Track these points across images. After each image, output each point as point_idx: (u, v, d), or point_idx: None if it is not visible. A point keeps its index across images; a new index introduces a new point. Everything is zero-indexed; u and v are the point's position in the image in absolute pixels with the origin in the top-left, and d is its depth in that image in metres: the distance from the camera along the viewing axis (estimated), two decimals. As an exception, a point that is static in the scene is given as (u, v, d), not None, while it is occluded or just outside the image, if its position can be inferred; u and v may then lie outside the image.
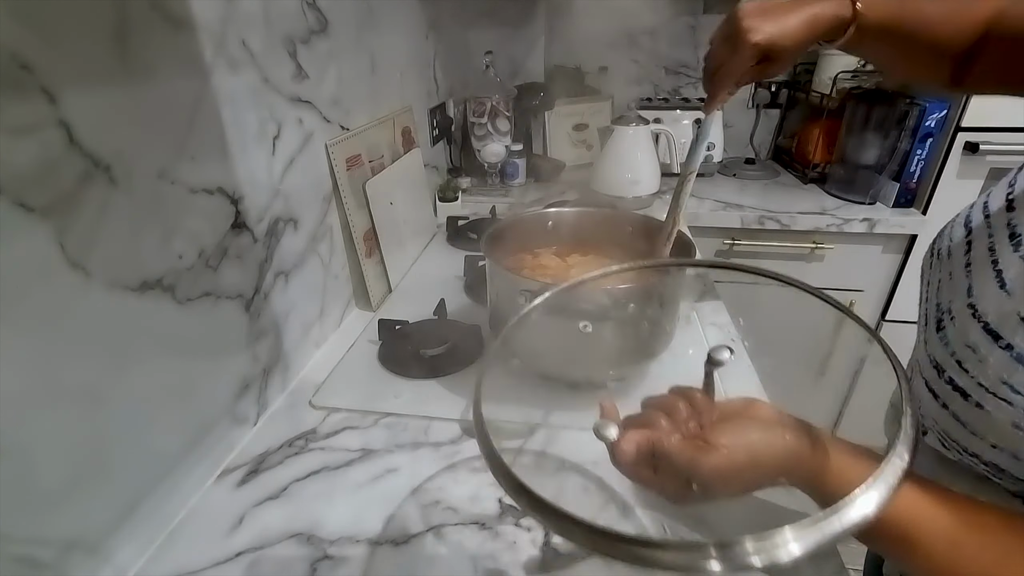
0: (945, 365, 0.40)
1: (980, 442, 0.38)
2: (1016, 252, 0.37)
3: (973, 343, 0.38)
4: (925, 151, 1.22)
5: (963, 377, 0.38)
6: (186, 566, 0.47)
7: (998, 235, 0.40)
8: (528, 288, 0.55)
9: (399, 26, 1.03)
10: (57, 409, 0.39)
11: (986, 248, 0.40)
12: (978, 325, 0.38)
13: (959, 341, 0.39)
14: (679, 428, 0.34)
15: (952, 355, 0.39)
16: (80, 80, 0.39)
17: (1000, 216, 0.41)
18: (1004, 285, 0.37)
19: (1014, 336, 0.35)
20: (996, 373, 0.36)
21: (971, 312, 0.39)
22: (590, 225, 0.77)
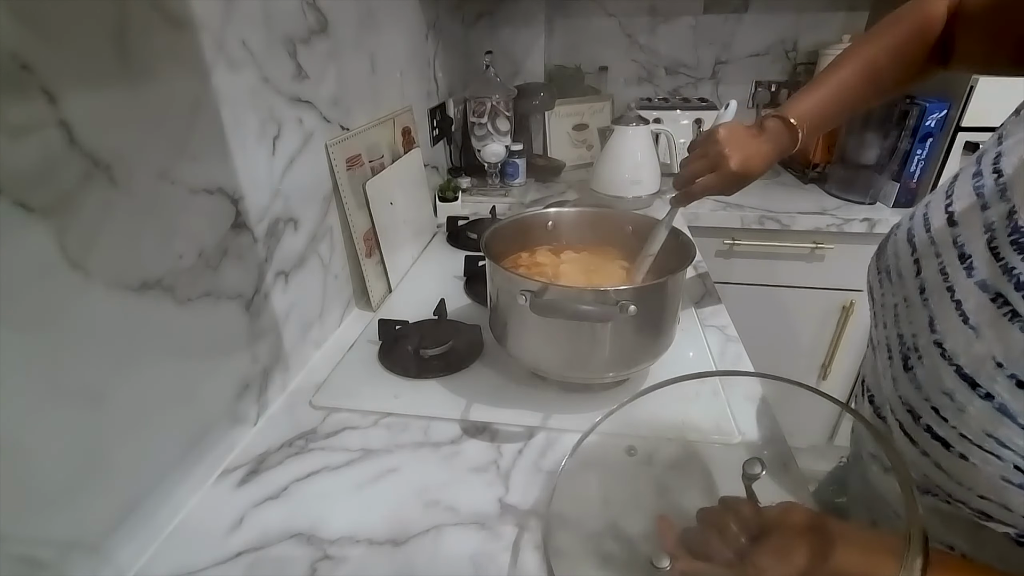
0: (920, 411, 0.38)
1: (967, 492, 0.36)
2: (970, 278, 0.36)
3: (949, 390, 0.35)
4: (925, 151, 1.22)
5: (943, 427, 0.36)
6: (186, 566, 0.47)
7: (947, 255, 0.39)
8: (528, 288, 0.55)
9: (399, 26, 1.03)
10: (57, 409, 0.39)
11: (937, 271, 0.39)
12: (950, 368, 0.36)
13: (933, 386, 0.37)
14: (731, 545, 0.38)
15: (927, 400, 0.37)
16: (80, 80, 0.39)
17: (943, 233, 0.40)
18: (967, 320, 0.35)
19: (992, 384, 0.33)
20: (979, 424, 0.34)
21: (940, 352, 0.37)
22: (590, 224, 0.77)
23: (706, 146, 0.60)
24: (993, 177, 0.38)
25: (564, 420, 0.62)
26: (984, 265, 0.35)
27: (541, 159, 1.54)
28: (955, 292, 0.37)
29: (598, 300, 0.54)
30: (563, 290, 0.57)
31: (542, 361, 0.63)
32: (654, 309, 0.59)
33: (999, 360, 0.32)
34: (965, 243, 0.37)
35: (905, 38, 0.56)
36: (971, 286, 0.36)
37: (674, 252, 0.66)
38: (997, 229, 0.35)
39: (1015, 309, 0.32)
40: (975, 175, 0.40)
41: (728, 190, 0.62)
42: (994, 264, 0.35)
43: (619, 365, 0.61)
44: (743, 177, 0.59)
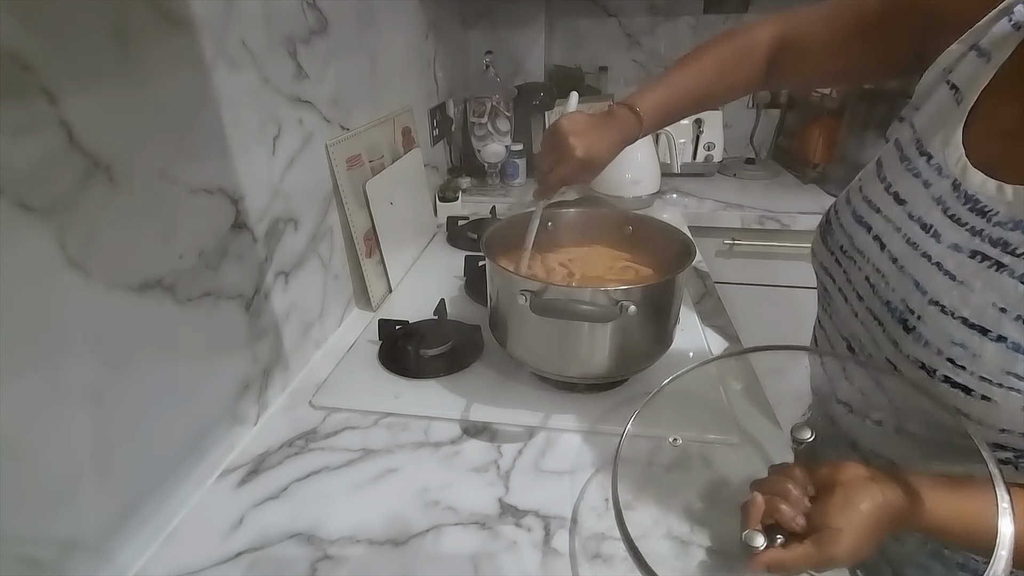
0: (935, 365, 0.40)
1: (988, 430, 0.39)
2: (940, 243, 0.41)
3: (960, 340, 0.38)
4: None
5: (961, 375, 0.38)
6: (186, 566, 0.47)
7: (908, 228, 0.44)
8: (528, 288, 0.55)
9: (399, 26, 1.03)
10: (57, 409, 0.39)
11: (904, 243, 0.43)
12: (956, 321, 0.38)
13: (943, 340, 0.39)
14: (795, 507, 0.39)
15: (939, 354, 0.39)
16: (80, 80, 0.39)
17: (895, 210, 0.45)
18: (954, 277, 0.39)
19: (1001, 327, 0.36)
20: (996, 365, 0.36)
21: (939, 309, 0.39)
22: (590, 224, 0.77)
23: (551, 139, 0.61)
24: (923, 159, 0.44)
25: (564, 420, 0.62)
26: (950, 231, 0.40)
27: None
28: (931, 257, 0.41)
29: (598, 300, 0.54)
30: (563, 290, 0.57)
31: (542, 361, 0.63)
32: (655, 310, 0.59)
33: (1000, 306, 0.36)
34: (922, 215, 0.43)
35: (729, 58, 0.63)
36: (944, 250, 0.40)
37: (675, 252, 0.67)
38: (947, 201, 0.41)
39: (998, 261, 0.37)
40: (902, 159, 0.46)
41: (581, 177, 0.63)
42: (959, 229, 0.40)
43: (620, 365, 0.61)
44: (590, 163, 0.61)
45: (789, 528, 0.38)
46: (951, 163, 0.41)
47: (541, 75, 1.61)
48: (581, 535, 0.50)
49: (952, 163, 0.41)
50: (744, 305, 1.37)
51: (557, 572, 0.47)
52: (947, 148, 0.42)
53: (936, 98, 0.45)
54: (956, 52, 0.44)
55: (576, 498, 0.53)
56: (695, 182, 1.48)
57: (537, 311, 0.53)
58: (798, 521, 0.38)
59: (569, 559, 0.48)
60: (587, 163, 0.60)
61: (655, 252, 0.71)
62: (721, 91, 0.65)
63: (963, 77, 0.43)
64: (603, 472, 0.56)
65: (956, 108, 0.42)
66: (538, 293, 0.55)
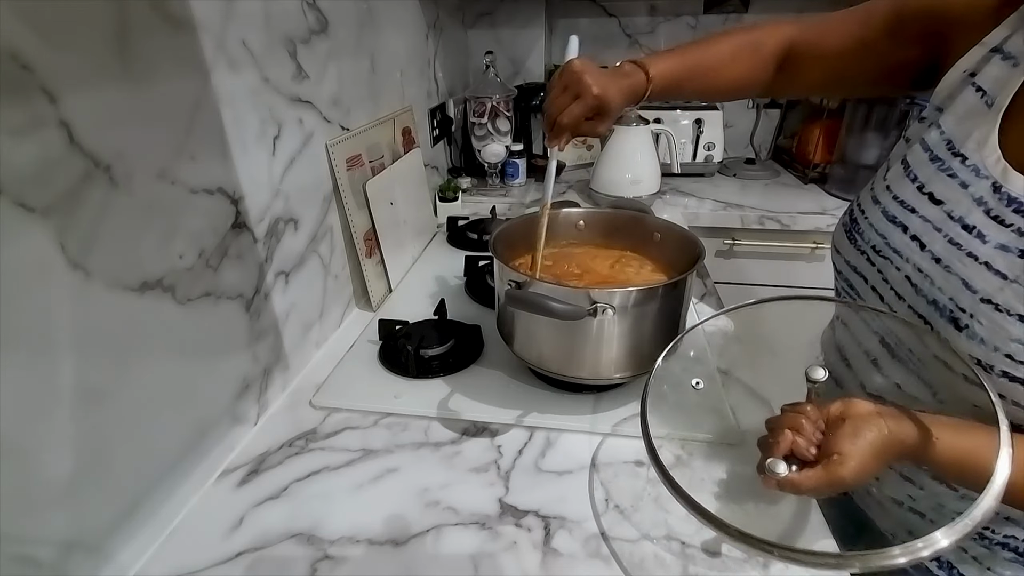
0: (992, 361, 0.41)
1: None
2: (987, 243, 0.41)
3: (1018, 336, 0.39)
4: (925, 151, 1.22)
5: (1021, 369, 0.39)
6: (186, 566, 0.47)
7: (950, 229, 0.44)
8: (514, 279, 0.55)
9: (399, 26, 1.03)
10: (57, 409, 0.39)
11: (946, 243, 0.44)
12: (1012, 319, 0.39)
13: (999, 337, 0.40)
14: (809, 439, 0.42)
15: (996, 351, 0.40)
16: (80, 80, 0.39)
17: (930, 208, 0.45)
18: (1006, 276, 0.40)
19: None
20: None
21: (994, 307, 0.40)
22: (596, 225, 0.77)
23: (564, 78, 0.60)
24: (957, 160, 0.44)
25: (565, 420, 0.62)
26: (995, 232, 0.41)
27: (541, 159, 1.53)
28: (978, 257, 0.41)
29: (569, 299, 0.53)
30: (542, 286, 0.56)
31: (550, 361, 0.63)
32: (664, 311, 0.59)
33: None
34: (962, 216, 0.43)
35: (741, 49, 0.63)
36: (992, 250, 0.41)
37: (682, 253, 0.67)
38: (989, 202, 0.41)
39: None
40: (933, 160, 0.46)
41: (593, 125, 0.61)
42: (1004, 230, 0.40)
43: (627, 366, 0.61)
44: (604, 104, 0.59)
45: (803, 457, 0.41)
46: (989, 165, 0.42)
47: (541, 75, 1.61)
48: (581, 535, 0.50)
49: (991, 165, 0.42)
50: (744, 305, 1.37)
51: (557, 572, 0.47)
52: (983, 150, 0.43)
53: (963, 101, 0.45)
54: (977, 55, 0.45)
55: (576, 498, 0.53)
56: (695, 182, 1.48)
57: (510, 303, 0.53)
58: (811, 451, 0.41)
59: (569, 559, 0.48)
60: (602, 102, 0.59)
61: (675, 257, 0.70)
62: (727, 79, 0.64)
63: (991, 80, 0.43)
64: (603, 472, 0.56)
65: (988, 111, 0.43)
66: (523, 286, 0.55)
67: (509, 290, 0.55)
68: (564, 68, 0.60)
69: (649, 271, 0.72)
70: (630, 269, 0.72)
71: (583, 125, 0.60)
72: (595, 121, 0.60)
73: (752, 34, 0.63)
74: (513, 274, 0.58)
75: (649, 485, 0.55)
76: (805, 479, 0.40)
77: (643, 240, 0.74)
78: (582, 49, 0.64)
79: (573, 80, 0.58)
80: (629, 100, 0.62)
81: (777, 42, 0.62)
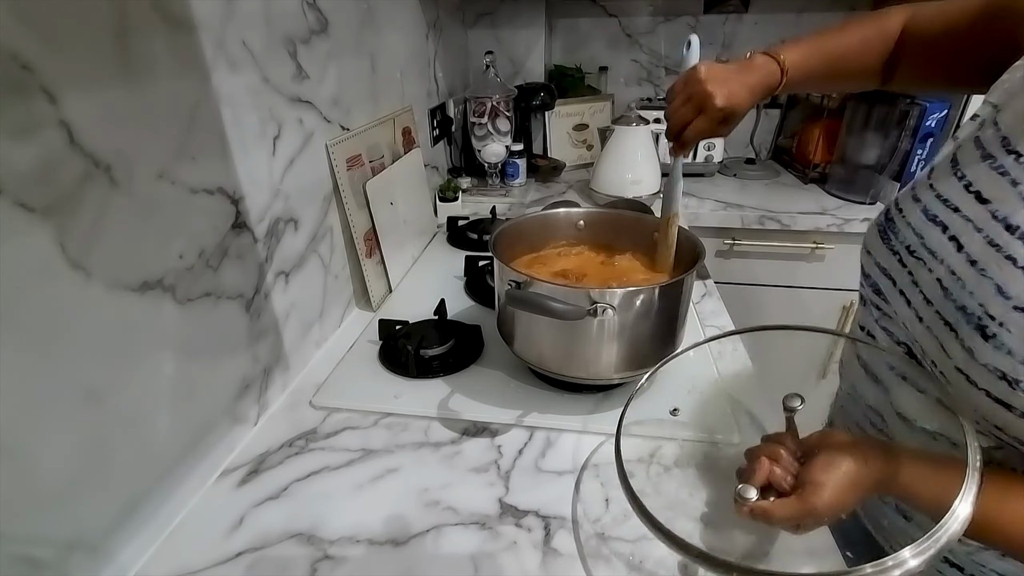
0: (1019, 375, 0.38)
1: None
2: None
3: None
4: (926, 151, 1.22)
5: None
6: (186, 566, 0.47)
7: (991, 229, 0.41)
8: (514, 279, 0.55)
9: (399, 26, 1.03)
10: (57, 409, 0.39)
11: (985, 244, 0.41)
12: None
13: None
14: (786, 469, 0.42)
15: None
16: (80, 80, 0.39)
17: (975, 207, 0.43)
18: None
19: None
20: None
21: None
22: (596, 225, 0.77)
23: (688, 88, 0.59)
24: (1011, 157, 0.41)
25: (564, 420, 0.62)
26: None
27: (541, 159, 1.54)
28: (1017, 260, 0.39)
29: (570, 299, 0.53)
30: (543, 286, 0.56)
31: (550, 361, 0.63)
32: (664, 311, 0.59)
33: None
34: (1008, 216, 0.40)
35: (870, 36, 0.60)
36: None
37: (683, 253, 0.66)
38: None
39: None
40: (984, 157, 0.43)
41: (720, 131, 0.61)
42: None
43: (627, 366, 0.61)
44: (731, 113, 0.58)
45: (779, 488, 0.41)
46: None
47: (541, 75, 1.62)
48: (581, 535, 0.50)
49: None
50: (744, 305, 1.37)
51: (557, 572, 0.47)
52: None
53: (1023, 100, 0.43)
54: None
55: (576, 498, 0.53)
56: (695, 182, 1.48)
57: (510, 303, 0.53)
58: (788, 481, 0.41)
59: (569, 559, 0.48)
60: (728, 113, 0.58)
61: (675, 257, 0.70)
62: (856, 68, 0.61)
63: None
64: (604, 472, 0.56)
65: None
66: (523, 286, 0.55)
67: (509, 290, 0.55)
68: (687, 76, 0.59)
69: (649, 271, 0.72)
70: (630, 269, 0.72)
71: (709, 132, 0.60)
72: (721, 125, 0.60)
73: (879, 21, 0.60)
74: (513, 274, 0.58)
75: (649, 485, 0.55)
76: (777, 508, 0.40)
77: (643, 240, 0.74)
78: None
79: (697, 91, 0.57)
80: (760, 96, 0.60)
81: (898, 28, 0.58)
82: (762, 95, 0.60)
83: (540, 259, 0.74)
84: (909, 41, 0.58)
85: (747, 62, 0.60)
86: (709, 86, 0.57)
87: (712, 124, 0.59)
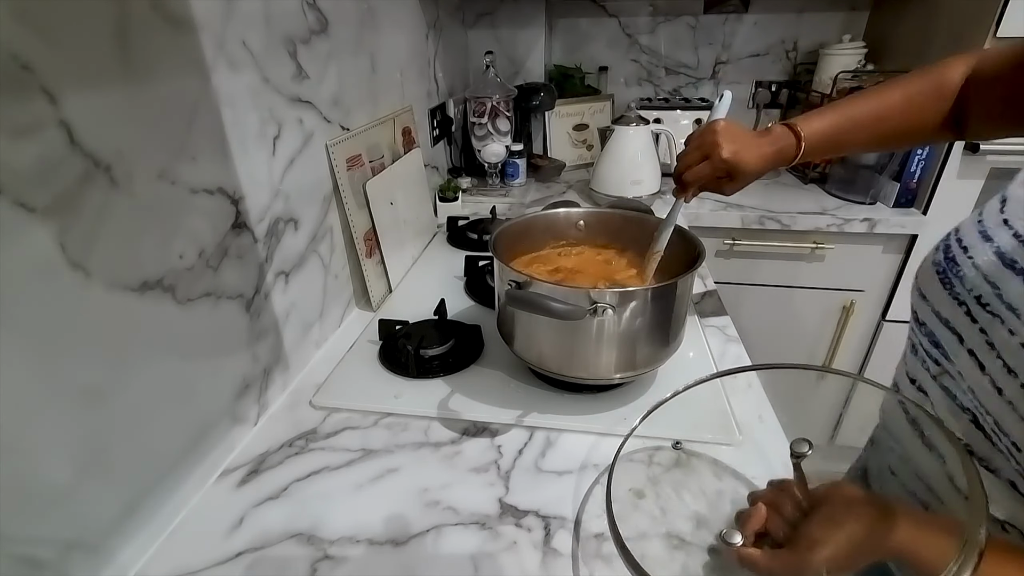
0: None
1: None
2: None
3: None
4: (926, 151, 1.22)
5: None
6: (186, 566, 0.47)
7: None
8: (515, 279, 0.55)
9: (399, 26, 1.03)
10: (57, 409, 0.39)
11: None
12: None
13: None
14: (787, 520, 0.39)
15: None
16: (80, 80, 0.39)
17: None
18: None
19: None
20: None
21: None
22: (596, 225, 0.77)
23: (702, 136, 0.61)
24: None
25: (564, 420, 0.62)
26: None
27: (541, 159, 1.54)
28: None
29: (570, 299, 0.53)
30: (543, 286, 0.56)
31: (550, 361, 0.63)
32: (664, 311, 0.59)
33: None
34: None
35: (919, 93, 0.57)
36: None
37: (682, 254, 0.66)
38: None
39: None
40: None
41: (723, 184, 0.62)
42: None
43: (628, 366, 0.61)
44: (734, 167, 0.59)
45: (774, 537, 0.39)
46: None
47: (541, 75, 1.62)
48: (581, 535, 0.50)
49: None
50: (744, 305, 1.37)
51: (557, 572, 0.47)
52: None
53: None
54: None
55: (576, 498, 0.53)
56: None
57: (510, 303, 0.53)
58: (784, 531, 0.39)
59: (569, 559, 0.48)
60: (732, 167, 0.59)
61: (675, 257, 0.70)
62: (903, 128, 0.59)
63: None
64: (603, 472, 0.56)
65: None
66: (523, 286, 0.55)
67: (509, 290, 0.55)
68: (706, 126, 0.61)
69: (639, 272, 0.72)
70: (630, 269, 0.72)
71: (710, 183, 0.62)
72: (724, 181, 0.61)
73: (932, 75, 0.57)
74: (513, 274, 0.58)
75: (649, 485, 0.55)
76: (764, 558, 0.38)
77: (643, 240, 0.74)
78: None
79: (707, 141, 0.59)
80: (773, 165, 0.61)
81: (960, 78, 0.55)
82: (775, 164, 0.61)
83: (540, 259, 0.75)
84: (976, 90, 0.55)
85: (766, 131, 0.61)
86: (720, 138, 0.58)
87: (713, 172, 0.60)
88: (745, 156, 0.59)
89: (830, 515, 0.38)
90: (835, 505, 0.38)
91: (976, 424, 0.39)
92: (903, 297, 1.32)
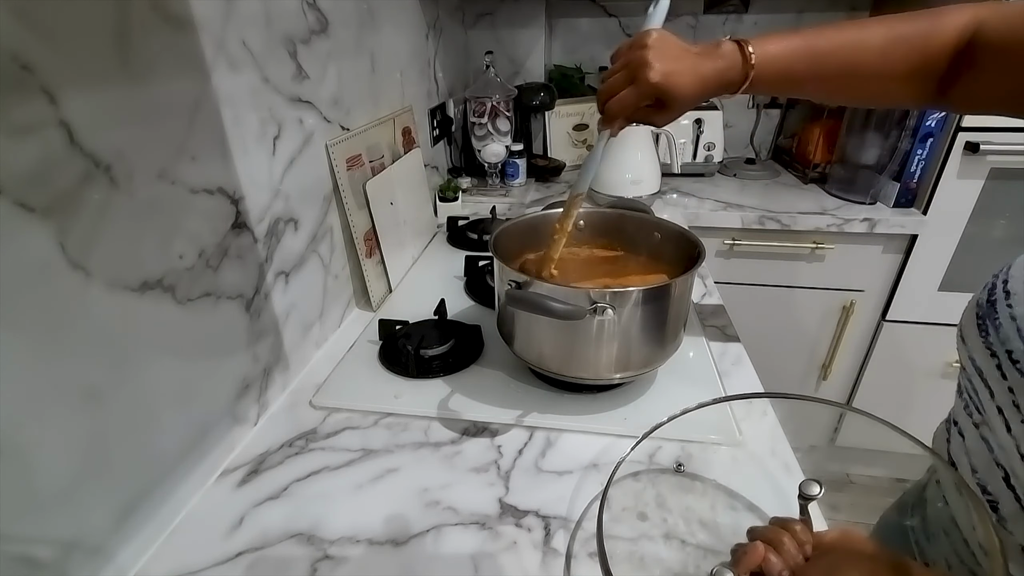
0: None
1: None
2: None
3: None
4: (926, 151, 1.22)
5: None
6: (186, 566, 0.47)
7: None
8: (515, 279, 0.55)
9: (399, 26, 1.03)
10: (57, 409, 0.39)
11: None
12: None
13: None
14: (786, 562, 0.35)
15: None
16: (80, 80, 0.39)
17: None
18: None
19: None
20: None
21: None
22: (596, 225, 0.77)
23: (630, 51, 0.48)
24: None
25: (564, 420, 0.62)
26: None
27: (541, 159, 1.54)
28: None
29: (570, 299, 0.53)
30: (543, 286, 0.56)
31: (550, 361, 0.63)
32: (664, 311, 0.59)
33: None
34: None
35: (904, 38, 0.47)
36: None
37: (683, 254, 0.66)
38: None
39: None
40: None
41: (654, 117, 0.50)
42: None
43: (628, 366, 0.61)
44: (665, 92, 0.47)
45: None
46: None
47: (541, 75, 1.62)
48: (581, 535, 0.50)
49: None
50: (744, 305, 1.37)
51: (557, 572, 0.47)
52: None
53: None
54: None
55: (576, 498, 0.53)
56: (695, 182, 1.48)
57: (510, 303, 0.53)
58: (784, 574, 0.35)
59: (569, 559, 0.48)
60: (663, 92, 0.47)
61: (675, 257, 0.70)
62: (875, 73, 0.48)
63: None
64: (603, 472, 0.56)
65: None
66: (523, 286, 0.55)
67: (509, 290, 0.55)
68: (635, 39, 0.49)
69: (649, 271, 0.72)
70: (630, 269, 0.72)
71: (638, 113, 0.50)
72: (654, 110, 0.49)
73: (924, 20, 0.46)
74: (513, 274, 0.58)
75: (649, 485, 0.55)
76: None
77: (643, 240, 0.74)
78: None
79: (635, 58, 0.47)
80: (713, 91, 0.49)
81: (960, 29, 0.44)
82: (716, 89, 0.49)
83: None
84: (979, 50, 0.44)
85: (711, 46, 0.49)
86: (650, 54, 0.46)
87: (640, 100, 0.48)
88: (679, 80, 0.47)
89: (832, 566, 0.34)
90: (841, 557, 0.35)
91: (1007, 483, 0.36)
92: (903, 297, 1.32)
